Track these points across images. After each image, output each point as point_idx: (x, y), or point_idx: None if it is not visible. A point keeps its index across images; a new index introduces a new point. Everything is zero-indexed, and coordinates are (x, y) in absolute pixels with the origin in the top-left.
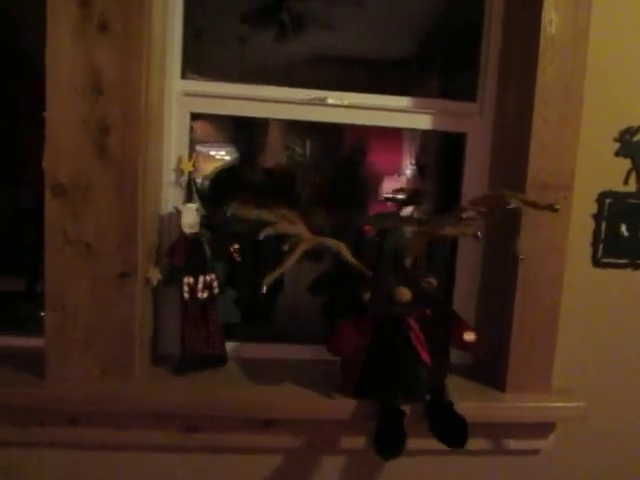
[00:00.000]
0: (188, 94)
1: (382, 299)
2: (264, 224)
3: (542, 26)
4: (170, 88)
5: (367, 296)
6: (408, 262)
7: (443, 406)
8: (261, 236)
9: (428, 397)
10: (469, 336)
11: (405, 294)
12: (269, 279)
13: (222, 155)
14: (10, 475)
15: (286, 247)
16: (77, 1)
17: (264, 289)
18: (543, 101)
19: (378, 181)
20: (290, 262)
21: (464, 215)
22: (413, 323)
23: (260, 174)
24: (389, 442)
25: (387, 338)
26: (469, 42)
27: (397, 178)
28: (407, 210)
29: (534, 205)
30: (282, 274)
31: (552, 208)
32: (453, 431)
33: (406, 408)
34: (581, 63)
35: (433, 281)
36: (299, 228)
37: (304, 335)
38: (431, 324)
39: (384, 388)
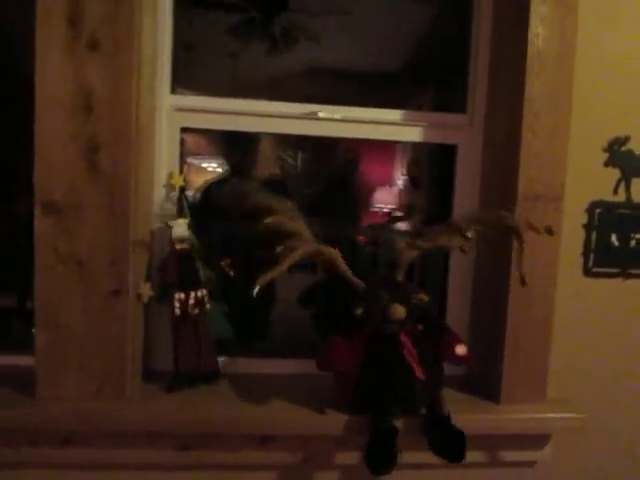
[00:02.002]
0: (178, 109)
1: (375, 315)
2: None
3: (529, 40)
4: (160, 103)
5: (359, 311)
6: (400, 275)
7: (440, 420)
8: (265, 222)
9: (424, 411)
10: (461, 349)
11: (399, 311)
12: (263, 280)
13: (214, 167)
14: None
15: (280, 249)
16: (66, 20)
17: (255, 291)
18: (532, 113)
19: (370, 192)
20: (285, 265)
21: (468, 233)
22: (405, 339)
23: (252, 186)
24: (381, 458)
25: (380, 355)
26: (459, 55)
27: (389, 189)
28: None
29: (534, 229)
30: (274, 287)
31: (549, 232)
32: (451, 445)
33: (400, 422)
34: (568, 75)
35: (424, 297)
36: (301, 228)
37: (297, 349)
38: (423, 338)
39: (378, 405)
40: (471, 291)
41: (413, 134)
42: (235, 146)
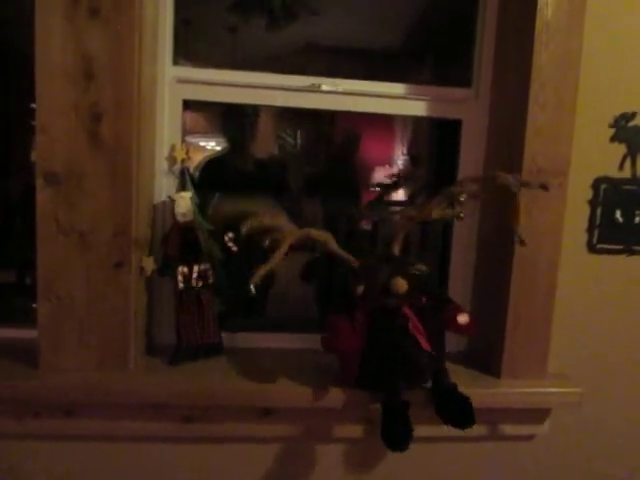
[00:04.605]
0: (180, 81)
1: (377, 291)
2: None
3: (538, 10)
4: (162, 74)
5: (360, 289)
6: (396, 249)
7: (448, 390)
8: (243, 231)
9: (430, 383)
10: (463, 318)
11: (402, 284)
12: (257, 277)
13: (212, 146)
14: (5, 468)
15: (267, 242)
16: None
17: (252, 289)
18: (539, 85)
19: (369, 171)
20: (277, 258)
21: (460, 197)
22: (409, 313)
23: (251, 164)
24: (398, 434)
25: (384, 330)
26: (464, 27)
27: (389, 169)
28: (398, 195)
29: (526, 184)
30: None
31: (544, 187)
32: (461, 413)
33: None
34: (577, 48)
35: (422, 267)
36: (281, 221)
37: (298, 324)
38: (426, 310)
39: (387, 380)
40: (474, 266)
41: (417, 108)
42: (234, 124)
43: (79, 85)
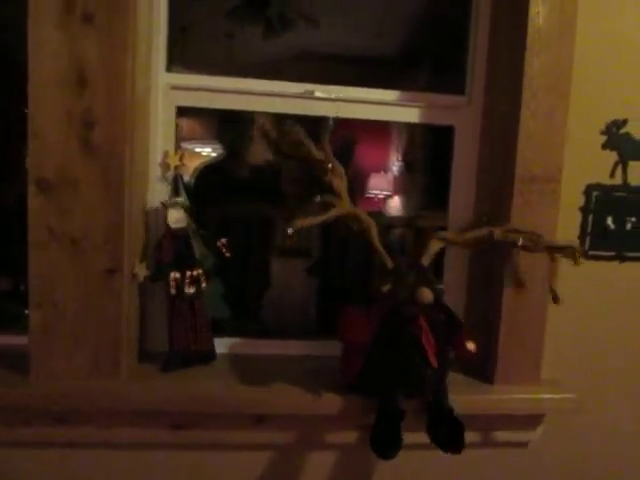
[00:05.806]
0: (174, 87)
1: (402, 296)
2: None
3: (529, 18)
4: (156, 81)
5: (386, 289)
6: (425, 261)
7: (444, 412)
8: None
9: (430, 398)
10: (472, 346)
11: (428, 295)
12: (298, 224)
13: (207, 152)
14: None
15: (319, 198)
16: None
17: (290, 232)
18: (531, 93)
19: (365, 178)
20: (320, 219)
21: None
22: (424, 324)
23: (246, 170)
24: (388, 442)
25: (395, 335)
26: (457, 35)
27: (384, 175)
28: (395, 204)
29: (558, 251)
30: (269, 272)
31: (575, 259)
32: (451, 438)
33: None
34: (568, 56)
35: (441, 286)
36: (341, 186)
37: (292, 330)
38: (439, 327)
39: (388, 387)
40: (467, 273)
41: (410, 115)
42: (229, 131)
43: (72, 91)
